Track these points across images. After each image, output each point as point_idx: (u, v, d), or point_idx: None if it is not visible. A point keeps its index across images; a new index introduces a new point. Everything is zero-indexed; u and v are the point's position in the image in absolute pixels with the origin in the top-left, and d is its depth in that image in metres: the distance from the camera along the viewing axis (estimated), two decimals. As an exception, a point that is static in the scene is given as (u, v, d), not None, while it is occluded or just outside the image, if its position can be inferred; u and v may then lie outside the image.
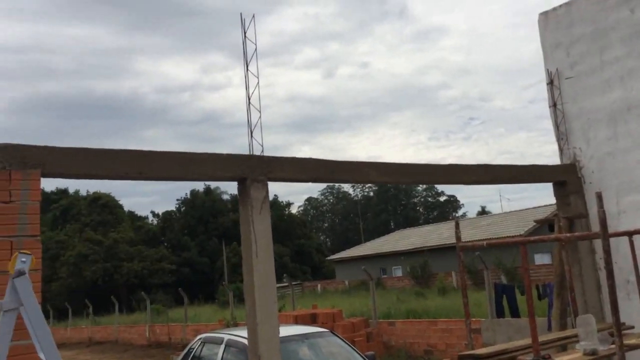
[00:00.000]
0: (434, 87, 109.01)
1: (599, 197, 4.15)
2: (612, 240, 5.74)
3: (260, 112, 4.13)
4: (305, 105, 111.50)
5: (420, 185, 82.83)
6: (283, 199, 76.27)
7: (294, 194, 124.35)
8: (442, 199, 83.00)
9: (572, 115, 6.63)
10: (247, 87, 4.18)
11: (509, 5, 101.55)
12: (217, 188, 59.28)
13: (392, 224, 77.23)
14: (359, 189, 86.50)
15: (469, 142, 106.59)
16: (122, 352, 21.74)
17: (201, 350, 8.52)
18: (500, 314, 13.09)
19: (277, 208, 67.14)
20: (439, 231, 41.43)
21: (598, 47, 6.41)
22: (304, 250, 60.74)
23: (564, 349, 5.11)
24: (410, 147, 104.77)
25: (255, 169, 4.16)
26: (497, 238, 25.80)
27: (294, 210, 76.91)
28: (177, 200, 62.11)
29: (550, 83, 6.80)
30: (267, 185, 4.20)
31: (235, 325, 17.06)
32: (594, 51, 6.44)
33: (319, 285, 43.04)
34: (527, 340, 4.57)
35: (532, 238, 4.52)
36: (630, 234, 5.31)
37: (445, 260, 33.63)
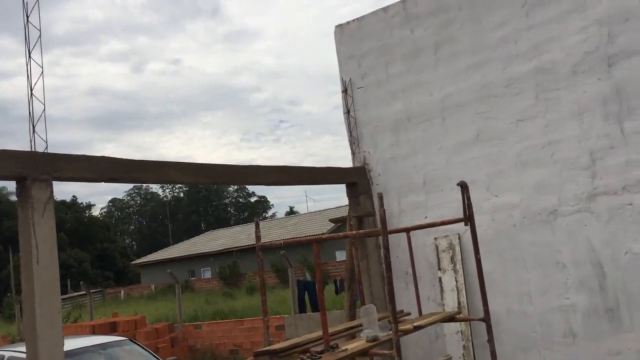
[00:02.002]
0: (246, 89, 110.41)
1: (381, 197, 4.59)
2: (395, 236, 6.40)
3: (44, 104, 3.80)
4: (111, 100, 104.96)
5: (232, 186, 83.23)
6: (83, 200, 70.68)
7: (96, 195, 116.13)
8: (253, 199, 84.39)
9: (363, 122, 7.24)
10: (29, 77, 3.82)
11: (320, 14, 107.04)
12: (4, 188, 52.85)
13: (203, 225, 76.24)
14: (168, 190, 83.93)
15: (279, 144, 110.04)
16: None
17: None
18: (302, 309, 13.74)
19: (77, 210, 62.04)
20: (248, 232, 41.90)
21: (384, 62, 7.09)
22: (107, 255, 56.99)
23: (353, 337, 5.54)
24: (222, 147, 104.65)
25: (38, 167, 3.81)
26: (301, 237, 26.95)
27: (96, 212, 71.75)
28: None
29: (345, 91, 7.34)
30: (51, 185, 3.88)
31: (22, 340, 15.34)
32: (381, 65, 7.11)
33: (122, 292, 40.72)
34: (320, 333, 4.87)
35: (324, 236, 4.86)
36: (407, 230, 5.98)
37: (254, 260, 34.03)
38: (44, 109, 3.79)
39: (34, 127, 3.82)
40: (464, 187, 5.10)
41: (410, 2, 6.92)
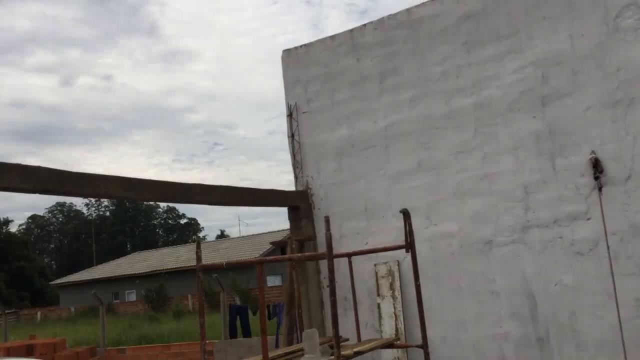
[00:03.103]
0: (180, 110, 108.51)
1: (327, 221, 4.56)
2: (335, 261, 6.39)
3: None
4: (36, 112, 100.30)
5: (161, 207, 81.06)
6: (1, 215, 66.73)
7: (15, 211, 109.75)
8: (183, 221, 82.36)
9: (307, 146, 7.26)
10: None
11: (258, 41, 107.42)
12: None
13: (129, 246, 73.53)
14: (93, 208, 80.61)
15: (212, 166, 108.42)
16: None
17: None
18: (233, 334, 13.40)
19: (-8, 226, 58.41)
20: (177, 254, 40.91)
21: (330, 88, 7.18)
22: (24, 274, 53.72)
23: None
24: (153, 167, 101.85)
25: (-34, 175, 3.56)
26: (243, 259, 26.51)
27: (13, 228, 67.74)
28: None
29: (290, 115, 7.36)
30: (-19, 194, 3.62)
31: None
32: (326, 91, 7.19)
33: (38, 313, 38.41)
34: (258, 357, 4.74)
35: (268, 258, 4.79)
36: (349, 255, 5.99)
37: (182, 283, 33.29)
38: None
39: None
40: (406, 214, 5.17)
41: (357, 32, 7.07)
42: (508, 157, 6.07)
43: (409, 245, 5.22)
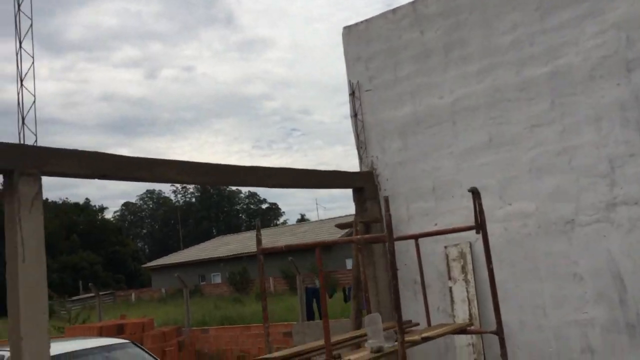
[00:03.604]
0: (257, 97, 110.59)
1: (387, 201, 4.38)
2: (403, 243, 6.19)
3: (34, 96, 3.65)
4: (124, 105, 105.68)
5: (243, 192, 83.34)
6: (96, 203, 71.11)
7: (109, 198, 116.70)
8: (265, 206, 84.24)
9: (370, 125, 7.03)
10: (19, 67, 3.67)
11: (332, 25, 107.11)
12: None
13: (214, 230, 76.26)
14: (180, 195, 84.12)
15: (291, 152, 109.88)
16: None
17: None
18: (310, 316, 13.50)
19: (89, 213, 62.39)
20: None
21: (392, 64, 6.88)
22: (119, 258, 57.16)
23: (359, 347, 5.32)
24: (234, 154, 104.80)
25: (26, 161, 3.65)
26: (303, 242, 26.69)
27: (108, 215, 72.12)
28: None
29: (352, 94, 7.14)
30: (40, 179, 3.71)
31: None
32: (389, 67, 6.90)
33: (133, 294, 40.76)
34: (321, 341, 4.66)
35: (326, 240, 4.66)
36: (416, 237, 5.75)
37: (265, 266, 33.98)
38: (34, 100, 3.64)
39: (23, 119, 3.67)
40: (475, 193, 4.88)
41: (420, 4, 6.72)
42: (590, 129, 5.57)
43: (479, 225, 4.93)
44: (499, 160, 6.08)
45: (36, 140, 3.66)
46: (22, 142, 3.68)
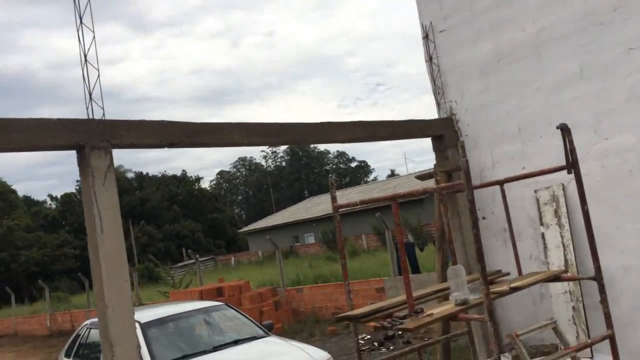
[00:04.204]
0: (340, 55, 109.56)
1: (462, 147, 4.09)
2: (489, 190, 5.85)
3: (98, 70, 3.69)
4: (212, 77, 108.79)
5: (332, 152, 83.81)
6: (192, 173, 74.32)
7: (205, 169, 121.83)
8: (354, 164, 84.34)
9: (447, 68, 6.61)
10: (81, 42, 3.70)
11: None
12: (121, 166, 56.64)
13: (305, 192, 77.60)
14: (270, 159, 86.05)
15: (377, 107, 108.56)
16: (20, 345, 20.44)
17: (87, 336, 8.16)
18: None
19: (187, 184, 65.46)
20: (349, 196, 42.00)
21: (467, -1, 6.38)
22: (217, 224, 59.87)
23: (446, 299, 5.13)
24: (321, 114, 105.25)
25: (95, 135, 3.72)
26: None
27: (205, 184, 75.36)
28: (77, 181, 58.80)
29: (426, 37, 6.73)
30: (110, 152, 3.78)
31: (141, 305, 16.50)
32: (464, 3, 6.40)
33: (232, 258, 42.63)
34: (402, 297, 4.51)
35: (402, 192, 4.42)
36: (500, 183, 5.38)
37: (355, 224, 34.20)
38: (98, 75, 3.67)
39: (90, 94, 3.72)
40: (564, 130, 4.44)
41: None
42: (699, 47, 4.87)
43: (571, 165, 4.50)
44: (592, 91, 5.50)
45: (104, 114, 3.71)
46: (90, 117, 3.74)
